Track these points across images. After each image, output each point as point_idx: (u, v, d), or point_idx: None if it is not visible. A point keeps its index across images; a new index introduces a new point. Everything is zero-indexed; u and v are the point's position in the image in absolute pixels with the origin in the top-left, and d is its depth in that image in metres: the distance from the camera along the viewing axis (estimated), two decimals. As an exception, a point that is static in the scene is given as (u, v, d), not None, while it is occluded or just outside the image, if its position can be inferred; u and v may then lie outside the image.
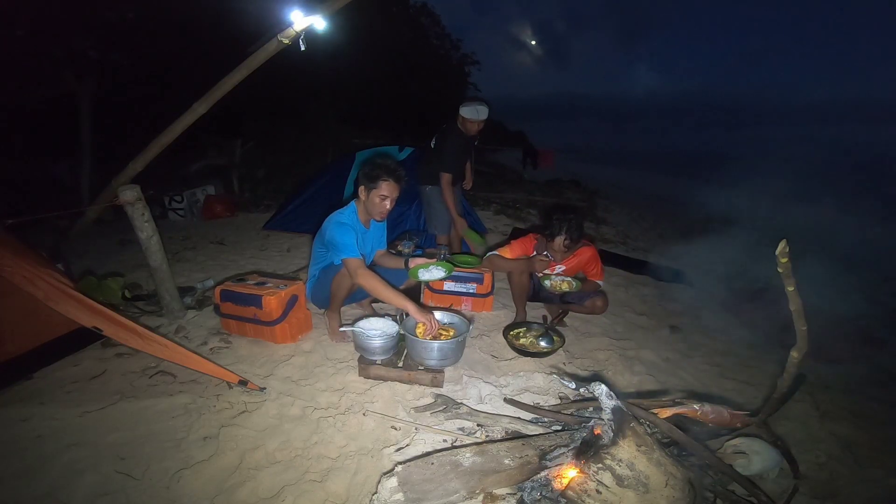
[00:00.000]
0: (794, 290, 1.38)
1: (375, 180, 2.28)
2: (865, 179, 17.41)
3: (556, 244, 2.60)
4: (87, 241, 4.29)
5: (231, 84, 3.25)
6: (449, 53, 19.61)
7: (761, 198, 7.59)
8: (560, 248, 2.61)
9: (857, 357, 2.95)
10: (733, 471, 1.51)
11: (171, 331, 2.58)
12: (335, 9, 3.15)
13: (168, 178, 5.99)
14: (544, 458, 1.49)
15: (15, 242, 2.09)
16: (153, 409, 1.89)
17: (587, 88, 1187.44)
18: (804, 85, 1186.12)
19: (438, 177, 3.30)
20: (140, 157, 3.44)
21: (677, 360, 2.65)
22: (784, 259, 1.33)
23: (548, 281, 2.74)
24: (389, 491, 1.41)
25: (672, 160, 31.09)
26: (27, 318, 2.09)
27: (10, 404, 1.89)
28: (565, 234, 2.56)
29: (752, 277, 3.90)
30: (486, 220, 5.56)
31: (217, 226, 5.30)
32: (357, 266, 2.19)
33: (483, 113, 3.21)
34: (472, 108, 3.20)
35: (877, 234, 8.17)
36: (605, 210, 7.98)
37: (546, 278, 2.76)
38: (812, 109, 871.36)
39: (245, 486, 1.52)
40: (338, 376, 2.18)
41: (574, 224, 2.58)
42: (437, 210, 3.49)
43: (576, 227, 2.58)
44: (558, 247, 2.61)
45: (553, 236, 2.59)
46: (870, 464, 1.85)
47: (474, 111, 3.20)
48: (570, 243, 2.60)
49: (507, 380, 2.17)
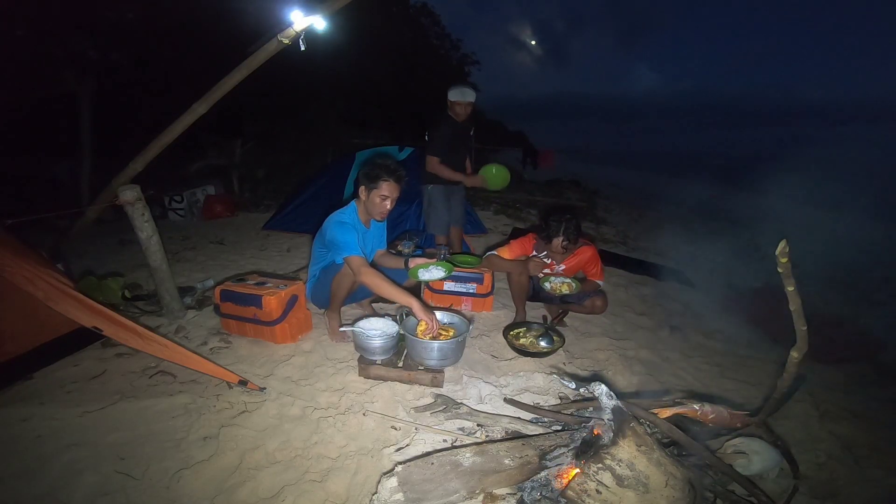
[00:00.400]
0: (794, 290, 1.38)
1: (376, 180, 2.28)
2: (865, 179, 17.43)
3: (553, 245, 2.61)
4: (87, 241, 4.29)
5: (231, 84, 3.25)
6: (449, 53, 19.64)
7: (761, 198, 7.59)
8: (558, 249, 2.61)
9: (857, 357, 2.95)
10: (733, 471, 1.51)
11: (171, 331, 2.58)
12: (335, 9, 3.15)
13: (168, 178, 5.98)
14: (544, 458, 1.49)
15: (15, 242, 2.09)
16: (153, 409, 1.89)
17: (587, 88, 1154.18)
18: (804, 85, 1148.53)
19: (432, 174, 3.32)
20: (140, 157, 3.43)
21: (677, 360, 2.65)
22: (784, 259, 1.33)
23: (547, 283, 2.74)
24: (389, 491, 1.41)
25: (672, 160, 31.10)
26: (27, 318, 2.09)
27: (10, 404, 1.88)
28: (563, 235, 2.56)
29: (752, 277, 3.91)
30: (486, 220, 5.56)
31: (217, 226, 5.30)
32: (360, 264, 2.19)
33: (469, 95, 3.26)
34: (458, 90, 3.26)
35: (877, 234, 8.17)
36: (605, 210, 7.98)
37: (545, 280, 2.76)
38: (812, 110, 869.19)
39: (245, 486, 1.52)
40: (338, 376, 2.18)
41: (571, 225, 2.58)
42: (436, 210, 3.50)
43: (573, 229, 2.58)
44: (556, 248, 2.61)
45: (550, 238, 2.60)
46: (870, 464, 1.85)
47: (460, 93, 3.25)
48: (567, 244, 2.60)
49: (507, 380, 2.17)
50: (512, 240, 2.92)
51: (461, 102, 3.27)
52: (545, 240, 2.65)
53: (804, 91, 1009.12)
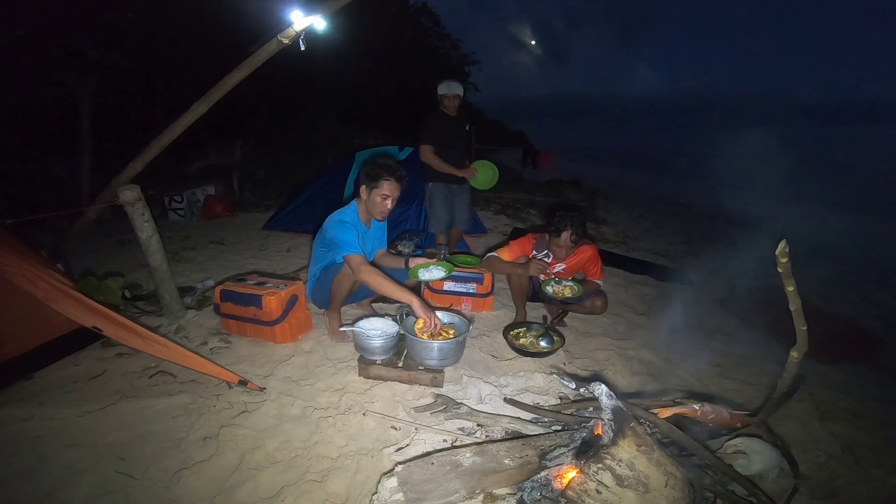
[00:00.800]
0: (794, 290, 1.38)
1: (377, 180, 2.28)
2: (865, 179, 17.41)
3: (562, 239, 2.62)
4: (87, 241, 4.29)
5: (231, 84, 3.25)
6: (449, 53, 19.65)
7: (761, 198, 7.59)
8: (567, 243, 2.63)
9: (857, 357, 2.95)
10: (733, 471, 1.51)
11: (171, 331, 2.58)
12: (335, 9, 3.16)
13: (168, 178, 5.99)
14: (544, 458, 1.49)
15: (15, 242, 2.09)
16: (153, 409, 1.89)
17: (587, 88, 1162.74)
18: (805, 85, 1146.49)
19: (433, 171, 3.33)
20: (140, 157, 3.44)
21: (677, 360, 2.65)
22: (784, 259, 1.33)
23: (550, 287, 2.73)
24: (389, 491, 1.41)
25: (672, 160, 31.12)
26: (27, 318, 2.09)
27: (10, 404, 1.88)
28: (571, 229, 2.58)
29: (752, 277, 3.90)
30: (486, 220, 5.56)
31: (217, 226, 5.30)
32: (360, 262, 2.18)
33: (455, 87, 3.37)
34: (444, 83, 3.38)
35: (876, 234, 8.18)
36: (605, 210, 7.97)
37: (548, 284, 2.75)
38: (813, 110, 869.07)
39: (245, 486, 1.52)
40: (338, 376, 2.18)
41: (578, 220, 2.61)
42: (436, 209, 3.50)
43: (580, 223, 2.61)
44: (564, 242, 2.62)
45: (559, 232, 2.61)
46: (870, 464, 1.85)
47: (446, 86, 3.37)
48: (576, 238, 2.62)
49: (507, 380, 2.17)
50: (511, 241, 2.92)
51: (448, 95, 3.37)
52: (553, 234, 2.66)
53: (804, 91, 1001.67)
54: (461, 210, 3.60)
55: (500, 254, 2.82)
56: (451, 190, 3.51)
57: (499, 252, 2.83)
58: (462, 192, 3.57)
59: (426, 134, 3.38)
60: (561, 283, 2.77)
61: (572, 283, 2.76)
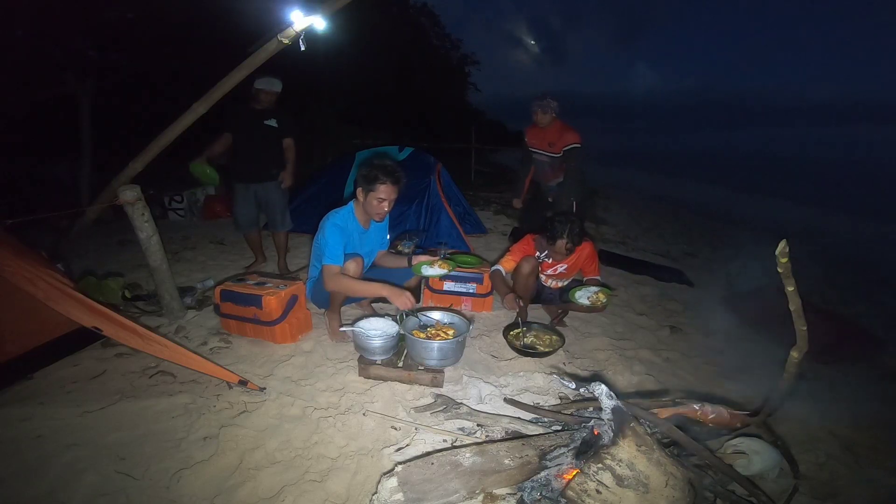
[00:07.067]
0: (793, 290, 1.38)
1: (373, 182, 2.27)
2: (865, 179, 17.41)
3: (557, 247, 2.60)
4: (87, 241, 4.29)
5: (231, 84, 3.25)
6: (449, 53, 19.64)
7: (761, 198, 7.59)
8: (562, 250, 2.61)
9: (857, 357, 2.95)
10: (733, 471, 1.51)
11: (171, 331, 2.58)
12: (335, 9, 3.15)
13: (168, 178, 5.98)
14: (544, 458, 1.49)
15: (15, 242, 2.09)
16: (153, 409, 1.89)
17: (587, 87, 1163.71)
18: (805, 85, 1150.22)
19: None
20: (140, 157, 3.44)
21: (677, 360, 2.65)
22: (784, 259, 1.33)
23: (587, 300, 2.63)
24: (389, 491, 1.41)
25: (672, 160, 31.08)
26: (27, 318, 2.09)
27: (10, 404, 1.88)
28: (566, 238, 2.56)
29: (752, 277, 3.90)
30: (485, 220, 5.56)
31: (217, 226, 5.29)
32: (331, 273, 2.23)
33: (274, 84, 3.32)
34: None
35: (876, 234, 8.18)
36: (605, 210, 7.97)
37: (578, 291, 2.67)
38: (813, 109, 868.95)
39: (245, 486, 1.52)
40: (338, 376, 2.18)
41: (575, 227, 2.58)
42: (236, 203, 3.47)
43: (577, 231, 2.58)
44: (560, 249, 2.61)
45: (555, 239, 2.59)
46: (870, 464, 1.85)
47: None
48: (571, 247, 2.60)
49: (507, 380, 2.17)
50: (512, 246, 2.90)
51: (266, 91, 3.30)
52: (548, 240, 2.64)
53: (805, 91, 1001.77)
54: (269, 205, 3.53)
55: (503, 264, 2.78)
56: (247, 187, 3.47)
57: (502, 262, 2.79)
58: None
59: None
60: (590, 290, 2.67)
61: (602, 289, 2.67)
